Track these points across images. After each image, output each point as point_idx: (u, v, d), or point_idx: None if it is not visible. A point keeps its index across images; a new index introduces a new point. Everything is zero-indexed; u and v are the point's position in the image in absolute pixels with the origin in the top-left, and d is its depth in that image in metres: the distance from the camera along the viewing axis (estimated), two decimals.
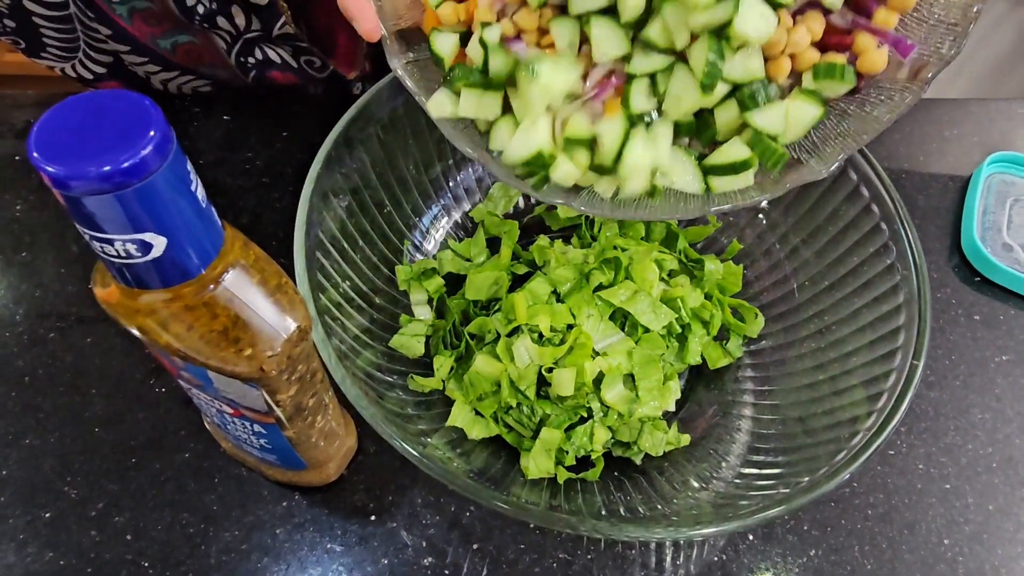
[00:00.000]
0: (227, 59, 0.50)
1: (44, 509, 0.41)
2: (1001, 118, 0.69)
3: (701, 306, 0.48)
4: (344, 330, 0.41)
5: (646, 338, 0.45)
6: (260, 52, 0.51)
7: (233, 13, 0.48)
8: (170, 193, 0.23)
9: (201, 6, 0.47)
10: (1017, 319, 0.54)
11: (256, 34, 0.50)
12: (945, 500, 0.45)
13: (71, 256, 0.52)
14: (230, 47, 0.50)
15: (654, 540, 0.33)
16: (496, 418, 0.44)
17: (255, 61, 0.51)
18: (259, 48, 0.50)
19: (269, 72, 0.52)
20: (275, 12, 0.46)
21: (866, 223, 0.45)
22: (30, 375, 0.46)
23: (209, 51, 0.50)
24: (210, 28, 0.49)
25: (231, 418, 0.35)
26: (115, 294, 0.28)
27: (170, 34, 0.49)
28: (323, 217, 0.43)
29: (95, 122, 0.22)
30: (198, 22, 0.48)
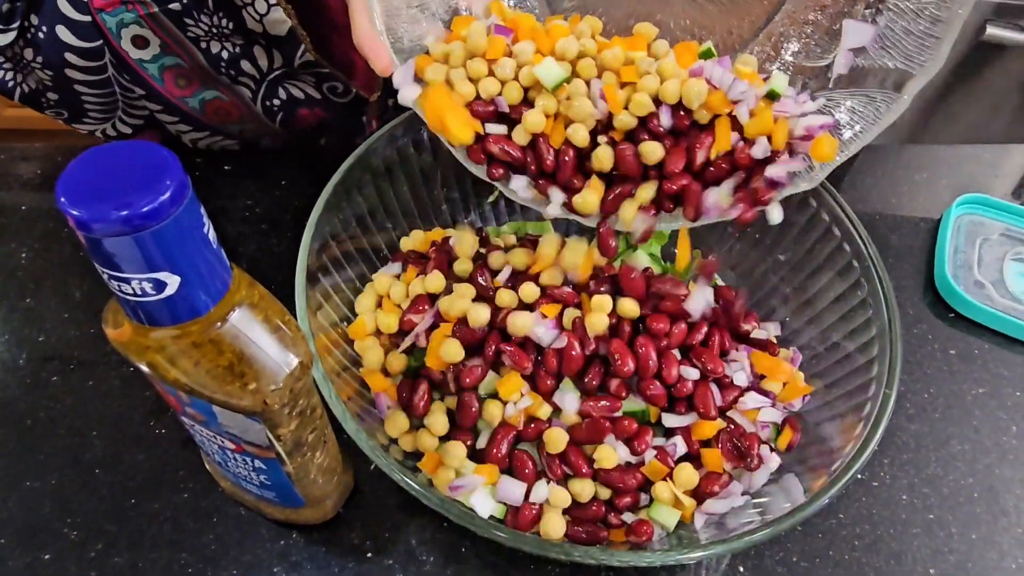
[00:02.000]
0: (254, 107, 0.53)
1: (43, 550, 0.41)
2: (969, 162, 0.73)
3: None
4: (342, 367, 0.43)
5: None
6: (284, 92, 0.53)
7: (256, 55, 0.51)
8: (184, 235, 0.25)
9: (225, 51, 0.49)
10: (991, 353, 0.56)
11: (279, 72, 0.52)
12: (929, 530, 0.46)
13: (74, 302, 0.53)
14: (255, 94, 0.52)
15: (644, 564, 0.34)
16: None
17: (280, 102, 0.53)
18: (282, 88, 0.53)
19: (296, 111, 0.54)
20: (295, 42, 0.48)
21: (839, 261, 0.47)
22: (31, 417, 0.47)
23: (236, 104, 0.52)
24: (236, 75, 0.51)
25: (232, 454, 0.36)
26: (126, 332, 0.29)
27: (198, 92, 0.51)
28: (323, 259, 0.45)
29: (117, 170, 0.24)
30: (224, 69, 0.50)
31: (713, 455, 0.41)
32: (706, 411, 0.41)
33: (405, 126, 0.50)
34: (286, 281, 0.41)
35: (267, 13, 0.46)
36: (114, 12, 0.46)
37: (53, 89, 0.51)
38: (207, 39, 0.48)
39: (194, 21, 0.47)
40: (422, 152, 0.52)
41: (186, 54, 0.49)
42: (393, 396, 0.44)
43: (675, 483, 0.40)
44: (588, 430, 0.40)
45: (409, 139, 0.51)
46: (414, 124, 0.50)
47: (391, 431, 0.42)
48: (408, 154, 0.51)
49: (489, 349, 0.41)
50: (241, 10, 0.47)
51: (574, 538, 0.39)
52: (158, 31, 0.47)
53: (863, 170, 0.70)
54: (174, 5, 0.46)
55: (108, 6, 0.46)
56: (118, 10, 0.46)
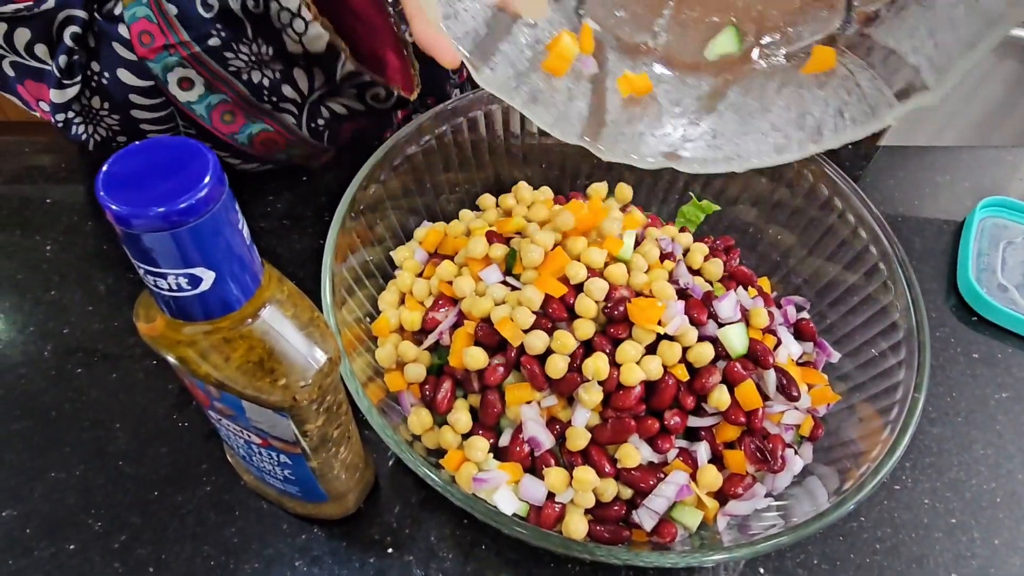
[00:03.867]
0: (299, 132, 0.53)
1: (68, 542, 0.42)
2: (991, 165, 0.72)
3: None
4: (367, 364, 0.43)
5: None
6: (327, 111, 0.53)
7: (296, 77, 0.51)
8: (221, 231, 0.25)
9: (266, 79, 0.50)
10: (1015, 357, 0.56)
11: (321, 92, 0.52)
12: (951, 535, 0.46)
13: (98, 295, 0.53)
14: (299, 118, 0.53)
15: (667, 565, 0.34)
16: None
17: (324, 121, 0.53)
18: (324, 107, 0.53)
19: (341, 127, 0.55)
20: (335, 55, 0.49)
21: (865, 263, 0.47)
22: (56, 410, 0.47)
23: (280, 132, 0.53)
24: (278, 102, 0.52)
25: (258, 449, 0.36)
26: (158, 327, 0.29)
27: (245, 127, 0.52)
28: (347, 255, 0.45)
29: (155, 166, 0.24)
30: (267, 97, 0.51)
31: (736, 457, 0.41)
32: (734, 417, 0.41)
33: (433, 120, 0.50)
34: (308, 277, 0.42)
35: (305, 31, 0.47)
36: (158, 58, 0.47)
37: (122, 132, 0.52)
38: (248, 70, 0.49)
39: (234, 54, 0.47)
40: (449, 146, 0.52)
41: (229, 89, 0.49)
42: (416, 394, 0.44)
43: (698, 484, 0.40)
44: (612, 430, 0.40)
45: (433, 135, 0.51)
46: (441, 117, 0.51)
47: (415, 428, 0.42)
48: (435, 148, 0.52)
49: (511, 352, 0.41)
50: (280, 32, 0.48)
51: (596, 538, 0.39)
52: (201, 70, 0.48)
53: (885, 172, 0.70)
54: (213, 41, 0.46)
55: (151, 53, 0.47)
56: (161, 55, 0.47)
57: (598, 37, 0.41)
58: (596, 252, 0.43)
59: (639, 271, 0.44)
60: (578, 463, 0.40)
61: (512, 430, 0.42)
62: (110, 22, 0.47)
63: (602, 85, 0.41)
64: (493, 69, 0.39)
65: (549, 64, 0.39)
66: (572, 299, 0.42)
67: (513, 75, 0.40)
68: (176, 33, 0.46)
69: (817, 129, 0.37)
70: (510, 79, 0.39)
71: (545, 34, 0.40)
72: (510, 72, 0.40)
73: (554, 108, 0.40)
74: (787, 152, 0.37)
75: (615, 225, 0.45)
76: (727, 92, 0.40)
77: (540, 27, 0.41)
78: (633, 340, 0.41)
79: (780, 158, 0.37)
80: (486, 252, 0.46)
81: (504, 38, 0.40)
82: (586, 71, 0.41)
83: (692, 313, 0.42)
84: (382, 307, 0.47)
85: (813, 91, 0.37)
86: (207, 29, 0.46)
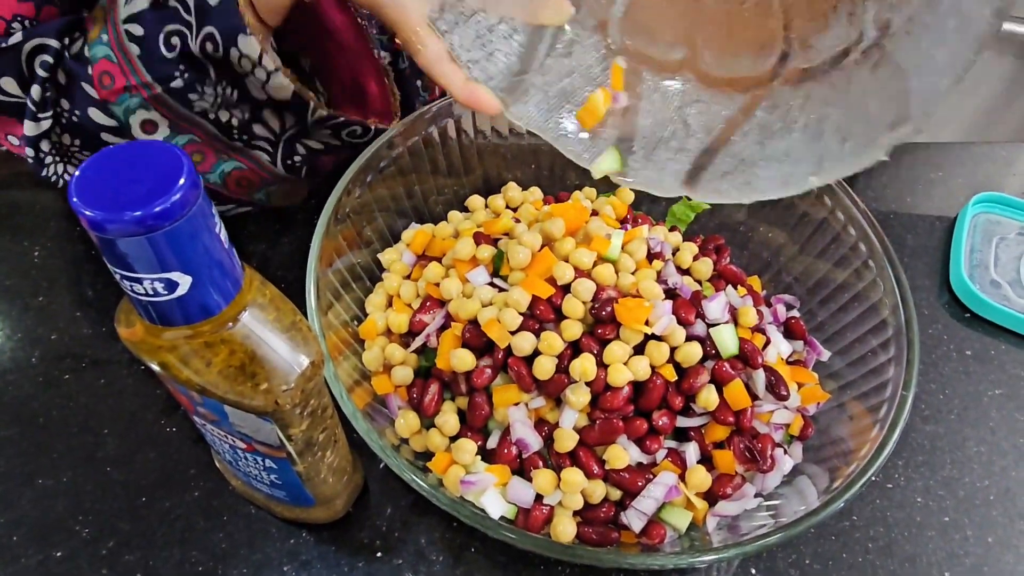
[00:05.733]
0: (275, 169, 0.51)
1: (56, 548, 0.42)
2: (984, 160, 0.72)
3: None
4: (353, 367, 0.43)
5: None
6: (302, 147, 0.52)
7: (266, 117, 0.50)
8: (196, 235, 0.25)
9: (235, 119, 0.48)
10: (1008, 354, 0.55)
11: (293, 131, 0.51)
12: (945, 533, 0.46)
13: (87, 300, 0.53)
14: (273, 156, 0.51)
15: (656, 566, 0.34)
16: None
17: (301, 157, 0.52)
18: (300, 144, 0.52)
19: (317, 161, 0.53)
20: (304, 104, 0.47)
21: (854, 260, 0.46)
22: (44, 416, 0.47)
23: (255, 171, 0.51)
24: (250, 140, 0.50)
25: (243, 454, 0.36)
26: (138, 333, 0.29)
27: (216, 166, 0.50)
28: (333, 258, 0.45)
29: (130, 170, 0.24)
30: (237, 135, 0.49)
31: (726, 457, 0.41)
32: (723, 417, 0.41)
33: (419, 122, 0.50)
34: (296, 280, 0.41)
35: (268, 80, 0.45)
36: (119, 100, 0.45)
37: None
38: (214, 109, 0.47)
39: (199, 95, 0.45)
40: (437, 148, 0.52)
41: (197, 128, 0.47)
42: (403, 396, 0.44)
43: (687, 485, 0.40)
44: (600, 431, 0.40)
45: (420, 136, 0.51)
46: (427, 119, 0.50)
47: (402, 431, 0.42)
48: (422, 150, 0.51)
49: (499, 353, 0.41)
50: (243, 78, 0.46)
51: (585, 540, 0.39)
52: (165, 112, 0.46)
53: (877, 169, 0.69)
54: (176, 83, 0.44)
55: (112, 95, 0.45)
56: (122, 97, 0.45)
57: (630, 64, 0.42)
58: (584, 253, 0.43)
59: (627, 271, 0.44)
60: (566, 465, 0.40)
61: (500, 432, 0.41)
62: (78, 62, 0.45)
63: (632, 114, 0.42)
64: (525, 104, 0.41)
65: (581, 116, 0.41)
66: (559, 300, 0.41)
67: (546, 109, 0.41)
68: (138, 74, 0.44)
69: (820, 159, 0.37)
70: (543, 113, 0.41)
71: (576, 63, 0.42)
72: (543, 108, 0.41)
73: (583, 140, 0.41)
74: (791, 185, 0.38)
75: (602, 225, 0.45)
76: (755, 111, 0.40)
77: (572, 57, 0.42)
78: (621, 340, 0.41)
79: (785, 191, 0.38)
80: (473, 253, 0.45)
81: (535, 71, 0.41)
82: (617, 106, 0.41)
83: (680, 313, 0.41)
84: (369, 310, 0.47)
85: (829, 108, 0.37)
86: (170, 71, 0.44)
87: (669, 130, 0.41)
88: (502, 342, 0.41)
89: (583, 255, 0.43)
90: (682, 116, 0.41)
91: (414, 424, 0.42)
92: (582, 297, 0.41)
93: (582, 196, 0.54)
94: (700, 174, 0.40)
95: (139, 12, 0.43)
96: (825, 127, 0.37)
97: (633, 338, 0.40)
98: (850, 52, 0.36)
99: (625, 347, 0.40)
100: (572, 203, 0.47)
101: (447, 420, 0.41)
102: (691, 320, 0.41)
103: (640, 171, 0.41)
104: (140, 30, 0.43)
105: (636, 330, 0.40)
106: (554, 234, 0.44)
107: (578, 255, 0.43)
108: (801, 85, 0.38)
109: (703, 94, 0.41)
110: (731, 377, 0.41)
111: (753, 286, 0.51)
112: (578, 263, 0.43)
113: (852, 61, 0.36)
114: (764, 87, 0.39)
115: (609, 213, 0.51)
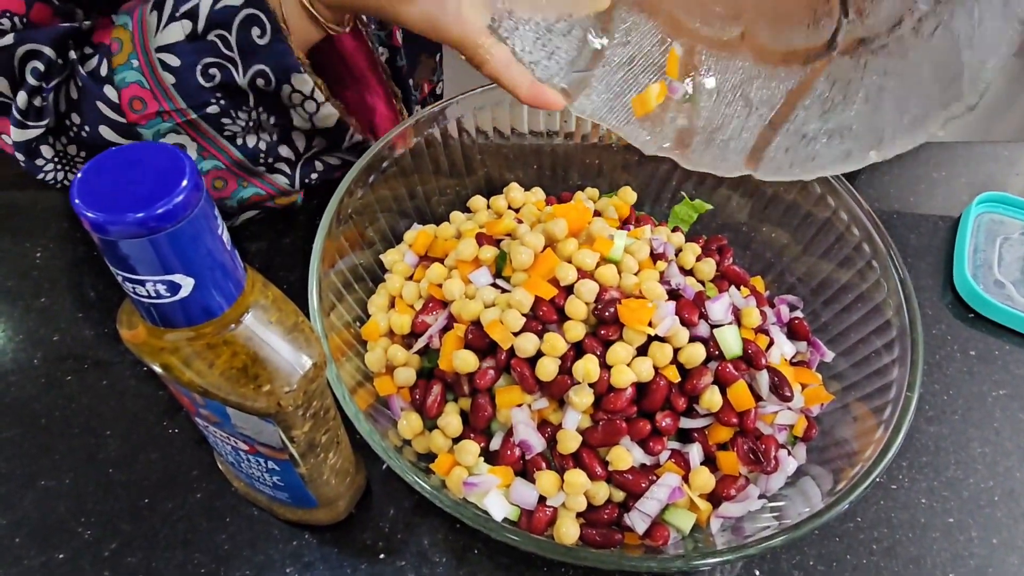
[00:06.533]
0: (291, 189, 0.52)
1: (58, 550, 0.41)
2: (988, 160, 0.72)
3: None
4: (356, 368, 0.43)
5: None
6: (321, 164, 0.52)
7: (295, 138, 0.50)
8: (199, 237, 0.25)
9: (263, 142, 0.48)
10: (1012, 354, 0.55)
11: (317, 149, 0.51)
12: (949, 534, 0.45)
13: (89, 302, 0.53)
14: (292, 178, 0.51)
15: (660, 569, 0.34)
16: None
17: (318, 174, 0.52)
18: (319, 161, 0.52)
19: (333, 175, 0.53)
20: (345, 128, 0.48)
21: (858, 261, 0.46)
22: (46, 417, 0.47)
23: (271, 193, 0.52)
24: (273, 163, 0.50)
25: (246, 455, 0.36)
26: (141, 334, 0.29)
27: (235, 192, 0.50)
28: (336, 260, 0.45)
29: (132, 172, 0.24)
30: (263, 159, 0.49)
31: (729, 458, 0.41)
32: (726, 418, 0.40)
33: (421, 123, 0.50)
34: (298, 281, 0.41)
35: (317, 111, 0.45)
36: (149, 124, 0.45)
37: None
38: (243, 134, 0.47)
39: (232, 120, 0.46)
40: (439, 148, 0.52)
41: (223, 155, 0.48)
42: (405, 398, 0.44)
43: (691, 486, 0.40)
44: (603, 432, 0.39)
45: (422, 137, 0.51)
46: (429, 119, 0.50)
47: (404, 433, 0.42)
48: (423, 151, 0.51)
49: (501, 355, 0.41)
50: (290, 110, 0.46)
51: (588, 541, 0.39)
52: (196, 136, 0.46)
53: (881, 168, 0.69)
54: (211, 109, 0.44)
55: (143, 119, 0.45)
56: (153, 121, 0.45)
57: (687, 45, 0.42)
58: (586, 253, 0.43)
59: (629, 272, 0.44)
60: (569, 466, 0.40)
61: (503, 433, 0.41)
62: (95, 80, 0.45)
63: (694, 96, 0.42)
64: (588, 96, 0.41)
65: (635, 104, 0.42)
66: (562, 301, 0.41)
67: (608, 99, 0.41)
68: (172, 100, 0.44)
69: (880, 133, 0.37)
70: (606, 103, 0.41)
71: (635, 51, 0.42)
72: (605, 98, 0.41)
73: (648, 127, 0.41)
74: (852, 160, 0.38)
75: (605, 226, 0.45)
76: (815, 84, 0.40)
77: (630, 45, 0.42)
78: (624, 342, 0.40)
79: (845, 166, 0.38)
80: (476, 254, 0.45)
81: (596, 64, 0.41)
82: (675, 97, 0.42)
83: (683, 314, 0.41)
84: (371, 311, 0.47)
85: (887, 79, 0.37)
86: (206, 98, 0.44)
87: (731, 109, 0.41)
88: (505, 343, 0.41)
89: (586, 256, 0.43)
90: (743, 94, 0.41)
91: (417, 425, 0.42)
92: (585, 298, 0.41)
93: (584, 197, 0.54)
94: (763, 152, 0.40)
95: (174, 43, 0.43)
96: (884, 99, 0.37)
97: (636, 339, 0.40)
98: (904, 20, 0.36)
99: (628, 348, 0.40)
100: (575, 204, 0.47)
101: (450, 421, 0.41)
102: (694, 321, 0.41)
103: (704, 152, 0.41)
104: (176, 61, 0.43)
105: (639, 331, 0.40)
106: (557, 235, 0.44)
107: (581, 256, 0.43)
108: (858, 56, 0.38)
109: (762, 70, 0.41)
110: (735, 378, 0.40)
111: (756, 287, 0.51)
112: (581, 264, 0.43)
113: (908, 29, 0.36)
114: (822, 60, 0.39)
115: (612, 214, 0.51)
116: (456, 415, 0.42)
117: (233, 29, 0.42)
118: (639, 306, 0.40)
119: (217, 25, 0.42)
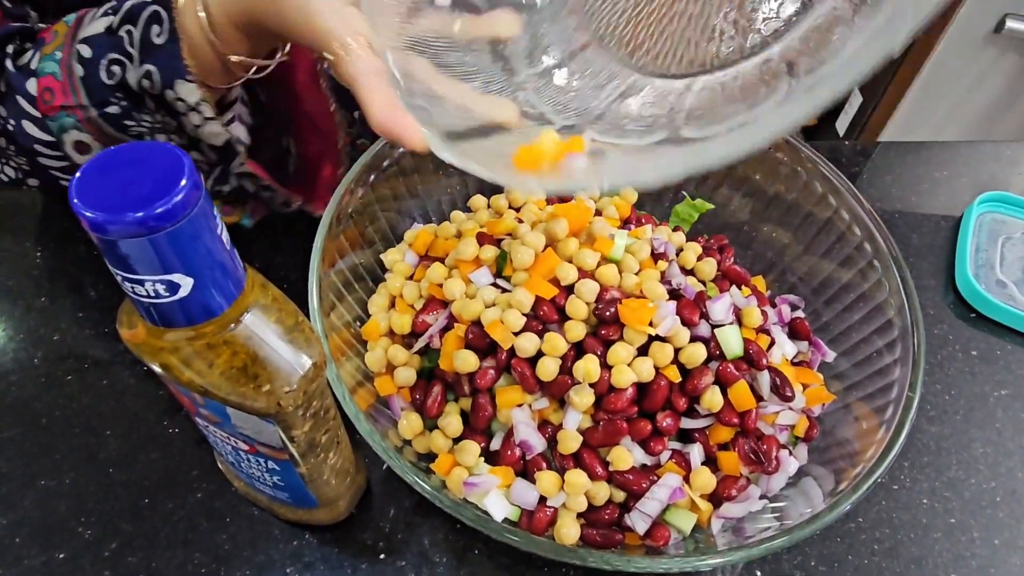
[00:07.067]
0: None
1: (59, 550, 0.41)
2: (989, 159, 0.72)
3: None
4: (356, 368, 0.42)
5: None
6: (235, 179, 0.49)
7: (204, 149, 0.47)
8: (198, 237, 0.25)
9: (172, 142, 0.46)
10: (1014, 354, 0.55)
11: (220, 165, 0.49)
12: (951, 535, 0.45)
13: (89, 301, 0.53)
14: (208, 175, 0.49)
15: (661, 570, 0.34)
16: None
17: (231, 189, 0.49)
18: (232, 177, 0.49)
19: (247, 199, 0.51)
20: (233, 153, 0.45)
21: (859, 261, 0.46)
22: (47, 416, 0.47)
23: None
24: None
25: (246, 455, 0.36)
26: (140, 334, 0.29)
27: None
28: (336, 259, 0.44)
29: (131, 171, 0.24)
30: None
31: (730, 458, 0.40)
32: (727, 418, 0.40)
33: None
34: (298, 281, 0.41)
35: (202, 125, 0.43)
36: (55, 117, 0.44)
37: (31, 175, 0.49)
38: (151, 134, 0.46)
39: (135, 121, 0.44)
40: None
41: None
42: (406, 398, 0.44)
43: (692, 487, 0.39)
44: (604, 432, 0.39)
45: None
46: None
47: (405, 433, 0.42)
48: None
49: (502, 355, 0.41)
50: (180, 116, 0.44)
51: (589, 542, 0.38)
52: (98, 135, 0.44)
53: (882, 168, 0.69)
54: (112, 108, 0.43)
55: (50, 111, 0.43)
56: (58, 115, 0.43)
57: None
58: (587, 253, 0.43)
59: (630, 272, 0.43)
60: (570, 466, 0.40)
61: (503, 433, 0.41)
62: (22, 73, 0.44)
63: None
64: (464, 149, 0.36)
65: (519, 160, 0.36)
66: (563, 301, 0.41)
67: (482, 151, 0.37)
68: (77, 95, 0.42)
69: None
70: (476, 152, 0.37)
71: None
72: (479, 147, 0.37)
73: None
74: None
75: (606, 226, 0.45)
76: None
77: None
78: (624, 342, 0.40)
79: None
80: (476, 254, 0.45)
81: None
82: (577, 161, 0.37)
83: (684, 313, 0.41)
84: (372, 311, 0.47)
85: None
86: (107, 96, 0.43)
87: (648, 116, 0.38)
88: (505, 343, 0.40)
89: (587, 256, 0.43)
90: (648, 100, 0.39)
91: (417, 425, 0.42)
92: (586, 298, 0.41)
93: (585, 196, 0.54)
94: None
95: (93, 35, 0.42)
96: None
97: (637, 339, 0.40)
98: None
99: (629, 348, 0.40)
100: (575, 203, 0.47)
101: (450, 422, 0.41)
102: (695, 321, 0.41)
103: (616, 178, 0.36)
104: (89, 52, 0.42)
105: (640, 331, 0.40)
106: (557, 234, 0.44)
107: (582, 256, 0.43)
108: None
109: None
110: (736, 378, 0.40)
111: (757, 286, 0.51)
112: (582, 264, 0.43)
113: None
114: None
115: (612, 213, 0.51)
116: (456, 415, 0.42)
117: (139, 24, 0.41)
118: (640, 306, 0.40)
119: (129, 20, 0.41)
